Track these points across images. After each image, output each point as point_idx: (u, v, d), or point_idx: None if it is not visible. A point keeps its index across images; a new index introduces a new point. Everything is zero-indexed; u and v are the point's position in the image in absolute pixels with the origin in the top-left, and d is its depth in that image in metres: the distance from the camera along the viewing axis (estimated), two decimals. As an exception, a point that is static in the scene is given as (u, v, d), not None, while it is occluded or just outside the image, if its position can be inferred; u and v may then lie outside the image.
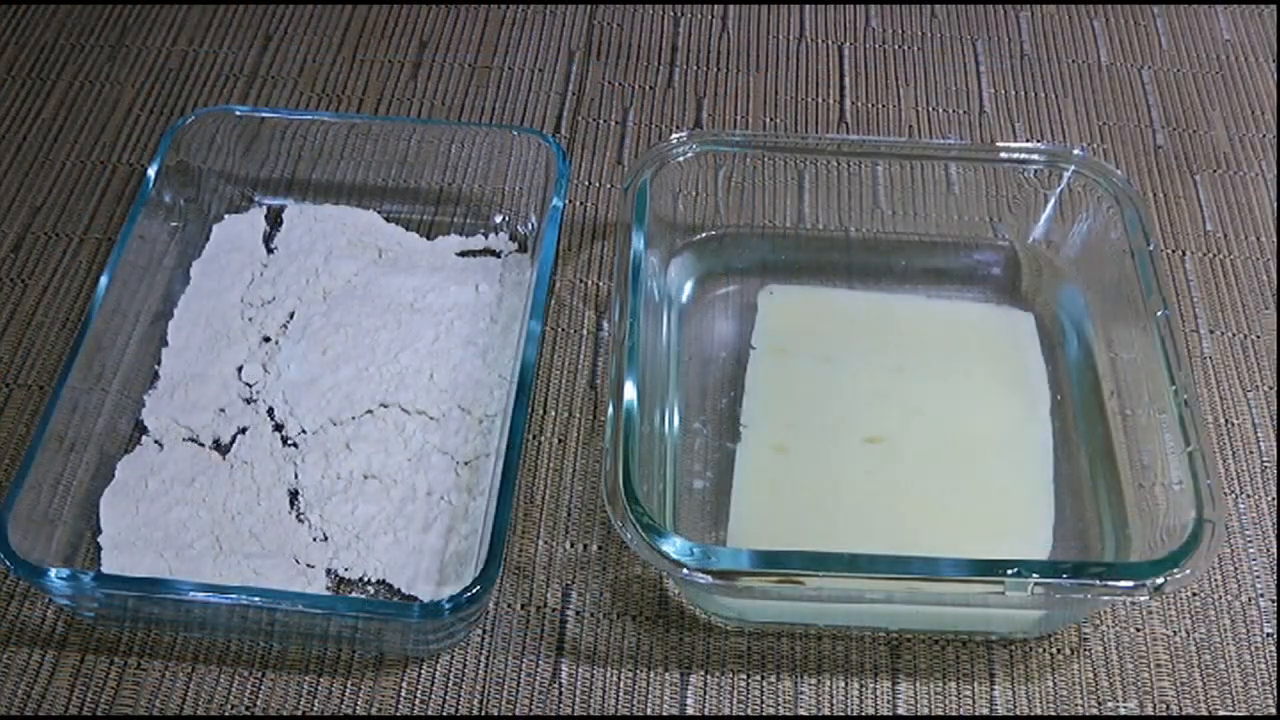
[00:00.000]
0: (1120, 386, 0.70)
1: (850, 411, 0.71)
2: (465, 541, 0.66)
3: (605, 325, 0.76)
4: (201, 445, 0.70)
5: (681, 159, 0.75)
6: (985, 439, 0.70)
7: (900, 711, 0.63)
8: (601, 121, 0.88)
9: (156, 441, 0.70)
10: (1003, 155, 0.75)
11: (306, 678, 0.63)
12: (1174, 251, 0.81)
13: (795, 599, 0.63)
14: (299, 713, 0.62)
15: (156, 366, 0.73)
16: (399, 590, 0.65)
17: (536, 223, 0.78)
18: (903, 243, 0.79)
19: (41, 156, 0.85)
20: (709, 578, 0.58)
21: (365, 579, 0.65)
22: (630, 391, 0.63)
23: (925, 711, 0.63)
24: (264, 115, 0.79)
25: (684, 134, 0.75)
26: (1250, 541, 0.69)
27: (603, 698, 0.63)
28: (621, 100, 0.90)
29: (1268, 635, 0.65)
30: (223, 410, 0.71)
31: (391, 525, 0.66)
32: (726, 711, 0.63)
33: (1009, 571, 0.57)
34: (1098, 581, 0.57)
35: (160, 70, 0.91)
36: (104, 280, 0.69)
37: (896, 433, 0.70)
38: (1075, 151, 0.75)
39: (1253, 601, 0.67)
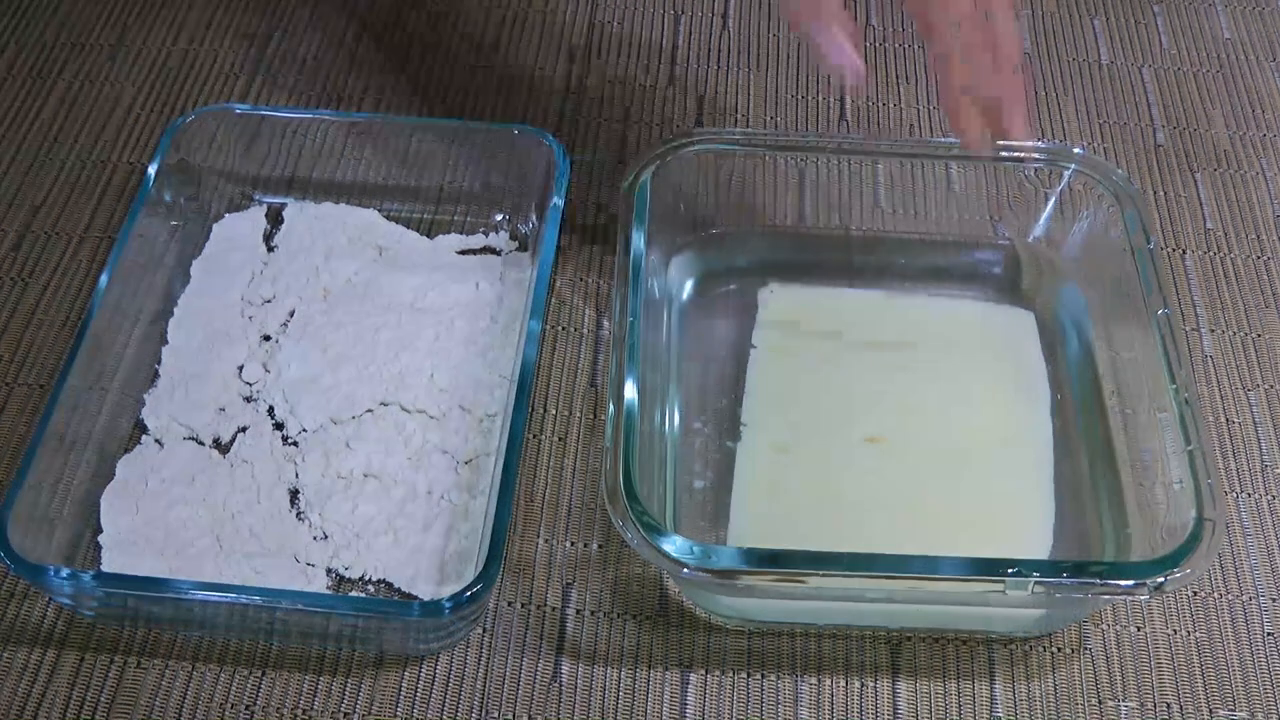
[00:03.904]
0: (1120, 385, 0.70)
1: (850, 410, 0.71)
2: (466, 540, 0.66)
3: (606, 324, 0.76)
4: (202, 444, 0.70)
5: (682, 157, 0.74)
6: (985, 438, 0.70)
7: (901, 710, 0.63)
8: (602, 120, 0.88)
9: (156, 440, 0.70)
10: (1003, 154, 0.75)
11: (307, 677, 0.63)
12: (1175, 250, 0.81)
13: (796, 598, 0.63)
14: (299, 712, 0.62)
15: (156, 365, 0.73)
16: (399, 589, 0.65)
17: (537, 221, 0.78)
18: (903, 241, 0.79)
19: (42, 155, 0.85)
20: (709, 577, 0.58)
21: (365, 578, 0.65)
22: (630, 390, 0.63)
23: (925, 711, 0.63)
24: (264, 114, 0.79)
25: (685, 132, 0.75)
26: (1251, 540, 0.69)
27: (603, 697, 0.63)
28: (622, 99, 0.90)
29: (1268, 634, 0.65)
30: (223, 409, 0.71)
31: (392, 524, 0.66)
32: (727, 711, 0.63)
33: (1009, 571, 0.57)
34: (1098, 581, 0.58)
35: (160, 69, 0.91)
36: (104, 279, 0.69)
37: (896, 432, 0.70)
38: (1076, 150, 0.75)
39: (1253, 600, 0.67)
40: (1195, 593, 0.67)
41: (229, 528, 0.66)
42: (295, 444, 0.70)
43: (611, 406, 0.63)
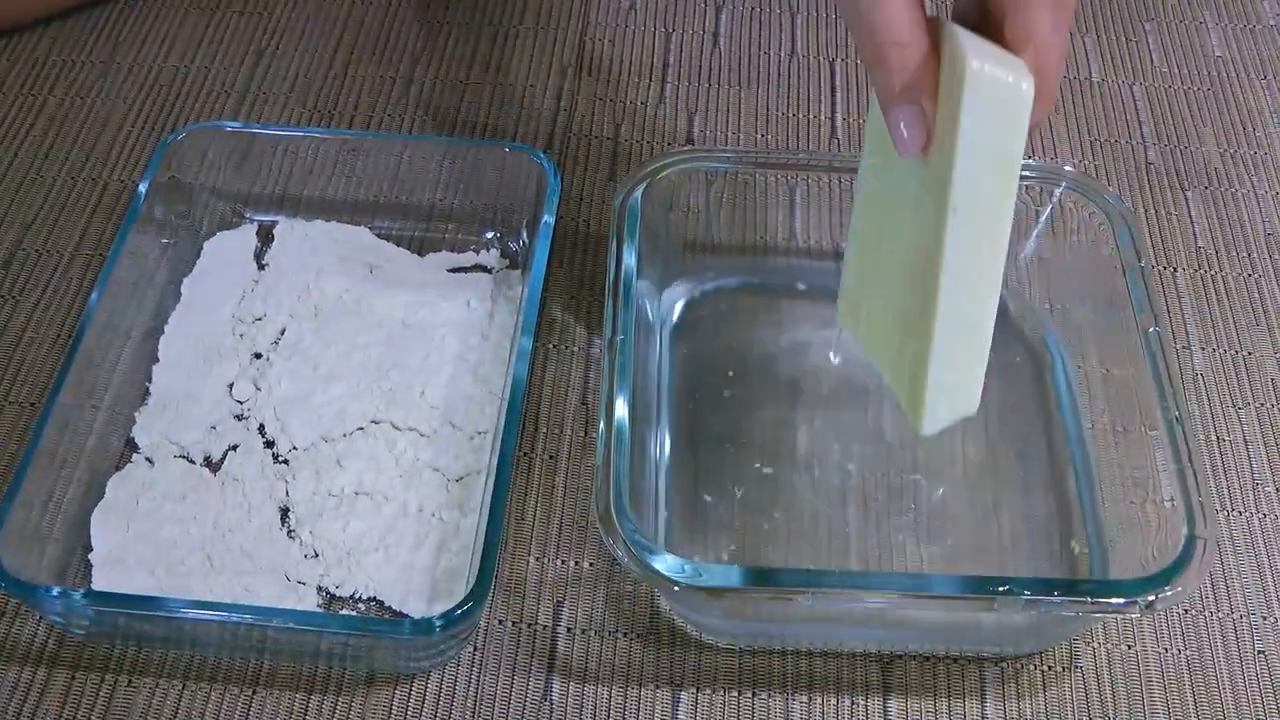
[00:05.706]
0: (1111, 403, 0.70)
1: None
2: (457, 558, 0.66)
3: (596, 342, 0.76)
4: (192, 462, 0.70)
5: (673, 175, 0.74)
6: None
7: (892, 729, 0.63)
8: (593, 137, 0.88)
9: (147, 459, 0.70)
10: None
11: (297, 695, 0.63)
12: (1165, 268, 0.81)
13: (787, 616, 0.63)
14: (289, 731, 0.62)
15: (147, 383, 0.73)
16: (390, 607, 0.65)
17: (528, 239, 0.78)
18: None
19: (32, 173, 0.85)
20: (701, 595, 0.58)
21: (356, 596, 0.65)
22: (621, 408, 0.63)
23: (917, 729, 0.63)
24: (255, 131, 0.79)
25: (675, 150, 0.75)
26: (1242, 558, 0.69)
27: (594, 715, 0.63)
28: (613, 116, 0.90)
29: (1259, 652, 0.65)
30: (214, 427, 0.71)
31: (382, 542, 0.66)
32: (718, 729, 0.63)
33: (1000, 589, 0.57)
34: (1089, 599, 0.58)
35: (152, 86, 0.91)
36: (95, 297, 0.69)
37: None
38: (1066, 168, 0.75)
39: (1244, 618, 0.67)
40: (1186, 610, 0.67)
41: (219, 546, 0.66)
42: (286, 462, 0.70)
43: (602, 424, 0.63)
